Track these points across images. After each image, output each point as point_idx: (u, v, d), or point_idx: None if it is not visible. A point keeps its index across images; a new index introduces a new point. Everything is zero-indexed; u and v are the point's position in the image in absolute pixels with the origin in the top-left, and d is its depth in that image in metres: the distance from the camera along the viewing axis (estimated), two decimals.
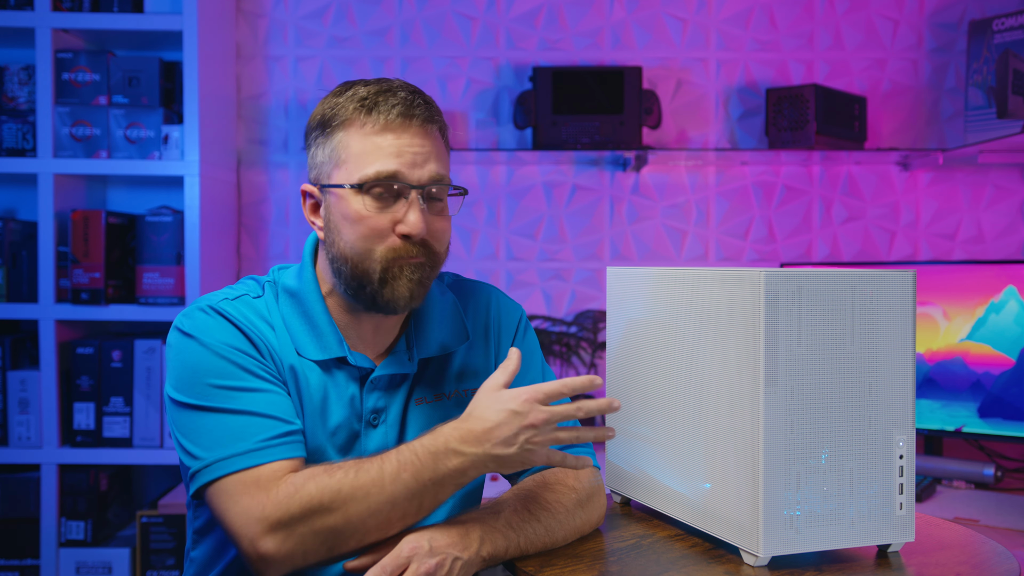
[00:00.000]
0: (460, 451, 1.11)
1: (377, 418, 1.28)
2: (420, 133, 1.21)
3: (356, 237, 1.20)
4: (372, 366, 1.27)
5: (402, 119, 1.20)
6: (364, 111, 1.20)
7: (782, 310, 1.11)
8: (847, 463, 1.14)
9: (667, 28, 2.63)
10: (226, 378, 1.18)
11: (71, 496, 2.33)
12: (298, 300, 1.27)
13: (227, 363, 1.19)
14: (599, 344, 2.58)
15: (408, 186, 1.20)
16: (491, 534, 1.16)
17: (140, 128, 2.34)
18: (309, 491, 1.10)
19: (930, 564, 1.16)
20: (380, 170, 1.19)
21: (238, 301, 1.26)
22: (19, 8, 2.32)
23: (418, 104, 1.21)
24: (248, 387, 1.18)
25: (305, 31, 2.62)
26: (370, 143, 1.20)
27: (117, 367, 2.33)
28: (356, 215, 1.20)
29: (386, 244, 1.20)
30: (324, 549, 1.12)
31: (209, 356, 1.19)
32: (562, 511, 1.24)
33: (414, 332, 1.31)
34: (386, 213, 1.20)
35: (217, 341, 1.19)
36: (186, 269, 2.32)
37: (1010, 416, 2.09)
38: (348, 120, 1.21)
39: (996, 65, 2.20)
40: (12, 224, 2.40)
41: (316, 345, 1.25)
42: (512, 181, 2.63)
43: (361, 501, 1.10)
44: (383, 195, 1.20)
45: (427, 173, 1.21)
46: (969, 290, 2.16)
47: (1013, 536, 1.78)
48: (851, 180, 2.64)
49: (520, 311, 1.42)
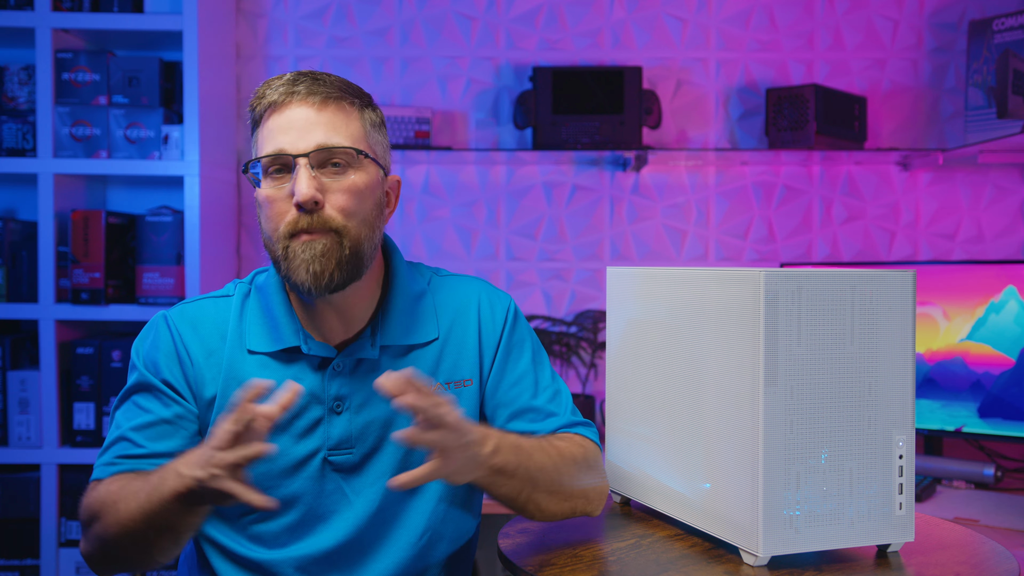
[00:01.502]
0: (179, 472, 1.09)
1: (340, 405, 1.28)
2: (303, 104, 1.22)
3: (265, 219, 1.24)
4: (332, 354, 1.28)
5: (284, 96, 1.23)
6: (257, 101, 1.25)
7: (782, 310, 1.11)
8: (847, 463, 1.14)
9: (667, 28, 2.63)
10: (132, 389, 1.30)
11: (71, 496, 2.33)
12: (263, 295, 1.32)
13: (139, 374, 1.29)
14: (599, 344, 2.58)
15: (291, 156, 1.20)
16: (505, 448, 1.16)
17: (140, 128, 2.34)
18: (90, 499, 1.21)
19: (930, 564, 1.17)
20: (267, 150, 1.22)
21: (198, 302, 1.34)
22: (19, 8, 2.32)
23: (301, 81, 1.23)
24: (140, 404, 1.28)
25: (305, 31, 2.62)
26: (264, 130, 1.24)
27: (117, 367, 2.32)
28: (261, 199, 1.24)
29: (287, 221, 1.21)
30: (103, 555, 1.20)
31: (132, 364, 1.32)
32: (570, 458, 1.25)
33: (380, 321, 1.31)
34: (282, 189, 1.22)
35: (144, 351, 1.31)
36: (186, 269, 2.32)
37: (1010, 416, 2.09)
38: (255, 119, 1.26)
39: (996, 65, 2.21)
40: (12, 224, 2.40)
41: (270, 337, 1.28)
42: (512, 181, 2.63)
43: (112, 515, 1.16)
44: (279, 172, 1.22)
45: (312, 141, 1.21)
46: (969, 290, 2.16)
47: (1013, 536, 1.78)
48: (851, 180, 2.64)
49: (507, 301, 1.40)
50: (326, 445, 1.28)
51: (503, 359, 1.36)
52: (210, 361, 1.29)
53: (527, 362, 1.37)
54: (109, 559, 1.20)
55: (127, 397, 1.30)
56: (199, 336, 1.30)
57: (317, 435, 1.28)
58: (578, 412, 1.38)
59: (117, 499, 1.16)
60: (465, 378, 1.34)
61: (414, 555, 1.31)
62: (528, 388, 1.35)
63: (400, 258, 1.36)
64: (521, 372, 1.36)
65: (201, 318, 1.31)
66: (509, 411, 1.34)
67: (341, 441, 1.28)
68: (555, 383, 1.38)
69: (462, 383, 1.34)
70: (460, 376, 1.34)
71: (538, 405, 1.34)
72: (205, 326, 1.31)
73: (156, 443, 1.25)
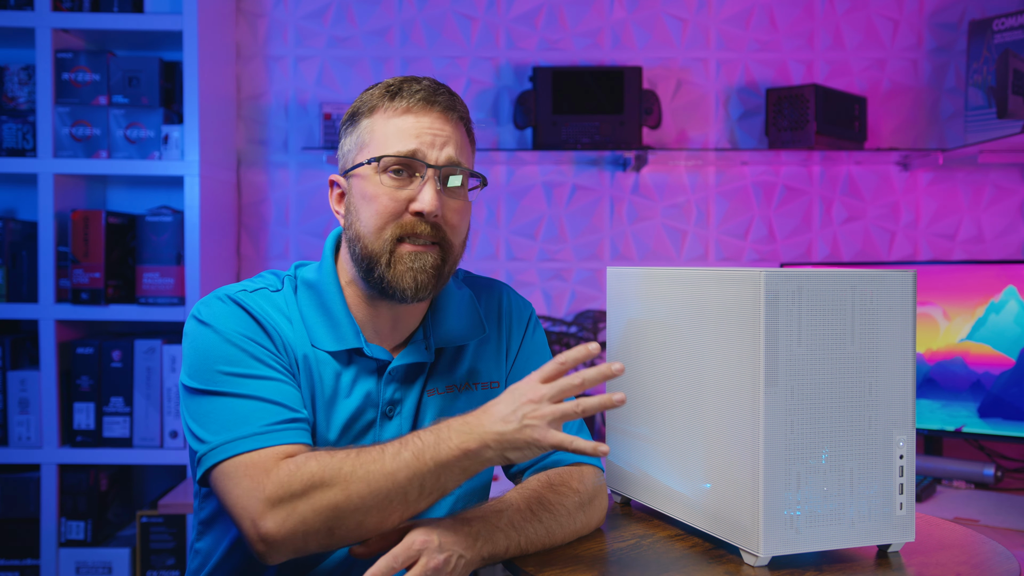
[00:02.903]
0: (461, 429, 1.11)
1: (393, 410, 1.29)
2: (441, 118, 1.24)
3: (371, 214, 1.23)
4: (389, 358, 1.28)
5: (423, 103, 1.24)
6: (388, 97, 1.25)
7: (782, 310, 1.11)
8: (847, 463, 1.14)
9: (667, 28, 2.63)
10: (236, 365, 1.20)
11: (71, 496, 2.33)
12: (316, 292, 1.29)
13: (238, 350, 1.20)
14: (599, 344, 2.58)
15: (425, 164, 1.22)
16: (492, 534, 1.16)
17: (140, 128, 2.34)
18: (311, 468, 1.11)
19: (930, 564, 1.16)
20: (399, 148, 1.22)
21: (256, 294, 1.28)
22: (19, 8, 2.32)
23: (441, 92, 1.25)
24: (256, 374, 1.20)
25: (305, 31, 2.62)
26: (392, 125, 1.24)
27: (117, 367, 2.33)
28: (373, 193, 1.23)
29: (399, 223, 1.22)
30: (325, 529, 1.11)
31: (221, 343, 1.21)
32: (564, 512, 1.24)
33: (431, 323, 1.32)
34: (402, 191, 1.22)
35: (230, 329, 1.22)
36: (186, 269, 2.32)
37: (1010, 416, 2.09)
38: (374, 107, 1.25)
39: (996, 65, 2.20)
40: (12, 224, 2.40)
41: (332, 336, 1.26)
42: (512, 181, 2.63)
43: (362, 479, 1.10)
44: (400, 173, 1.23)
45: (445, 155, 1.23)
46: (969, 290, 2.16)
47: (1013, 536, 1.78)
48: (851, 180, 2.64)
49: (530, 309, 1.44)
50: None
51: (521, 366, 1.39)
52: (287, 342, 1.25)
53: None
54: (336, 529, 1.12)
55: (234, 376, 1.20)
56: (273, 322, 1.25)
57: (368, 439, 1.28)
58: (584, 427, 1.39)
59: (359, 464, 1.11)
60: (493, 380, 1.36)
61: None
62: None
63: None
64: None
65: (267, 308, 1.26)
66: None
67: None
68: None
69: (490, 384, 1.36)
70: (489, 378, 1.36)
71: None
72: (272, 315, 1.26)
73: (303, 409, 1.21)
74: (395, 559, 1.10)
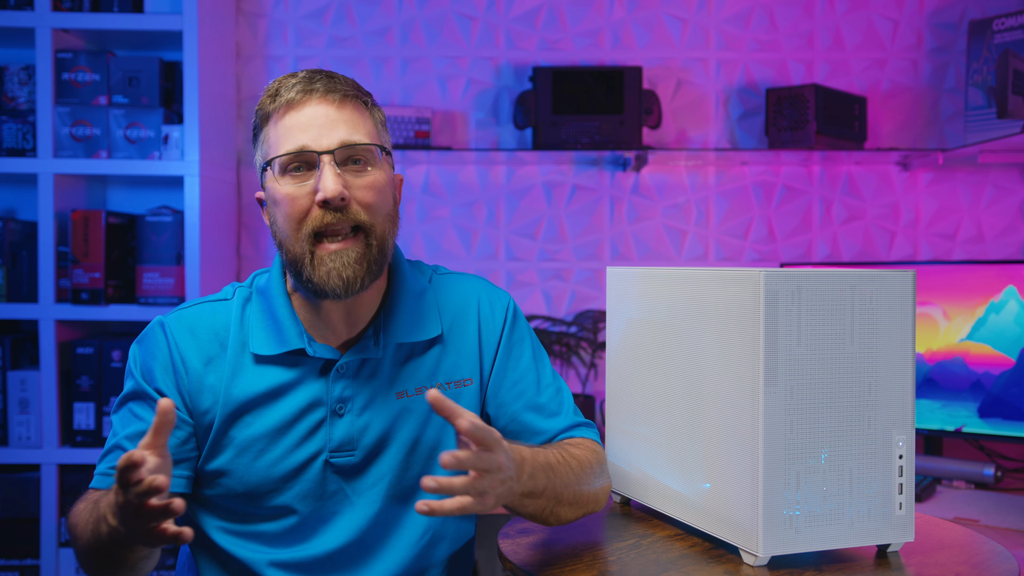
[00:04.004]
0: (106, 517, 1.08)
1: (344, 407, 1.27)
2: (322, 102, 1.23)
3: (283, 217, 1.22)
4: (336, 356, 1.28)
5: (301, 94, 1.23)
6: (270, 100, 1.24)
7: (782, 310, 1.11)
8: (847, 463, 1.14)
9: (667, 28, 2.63)
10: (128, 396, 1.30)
11: (71, 496, 2.32)
12: (265, 298, 1.31)
13: (135, 382, 1.29)
14: (599, 344, 2.58)
15: (316, 154, 1.20)
16: (536, 472, 1.15)
17: (140, 128, 2.34)
18: (72, 512, 1.22)
19: (930, 564, 1.17)
20: (288, 147, 1.21)
21: (196, 307, 1.32)
22: (19, 8, 2.32)
23: (317, 79, 1.24)
24: (135, 412, 1.28)
25: (305, 31, 2.62)
26: (281, 127, 1.23)
27: (117, 367, 2.33)
28: (279, 195, 1.22)
29: (310, 219, 1.21)
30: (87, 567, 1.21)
31: (129, 372, 1.31)
32: (588, 467, 1.26)
33: (383, 319, 1.30)
34: (304, 186, 1.21)
35: (140, 358, 1.30)
36: (186, 269, 2.32)
37: (1010, 416, 2.09)
38: (264, 115, 1.26)
39: (996, 65, 2.20)
40: (12, 224, 2.40)
41: (275, 340, 1.27)
42: (512, 181, 2.63)
43: (77, 538, 1.19)
44: (299, 170, 1.22)
45: (336, 138, 1.21)
46: (969, 290, 2.16)
47: (1013, 536, 1.78)
48: (851, 180, 2.64)
49: (507, 299, 1.40)
50: (328, 447, 1.27)
51: (504, 358, 1.36)
52: (208, 368, 1.28)
53: (528, 360, 1.37)
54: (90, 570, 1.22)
55: (124, 403, 1.29)
56: (197, 343, 1.29)
57: (319, 437, 1.27)
58: (579, 411, 1.38)
59: (77, 522, 1.19)
60: (465, 378, 1.34)
61: (415, 555, 1.31)
62: (531, 386, 1.35)
63: (402, 256, 1.36)
64: (523, 370, 1.36)
65: (199, 323, 1.30)
66: (513, 409, 1.34)
67: (343, 443, 1.27)
68: (556, 381, 1.38)
69: (462, 383, 1.34)
70: (460, 376, 1.34)
71: (542, 402, 1.35)
72: (203, 332, 1.29)
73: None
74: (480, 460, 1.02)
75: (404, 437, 1.29)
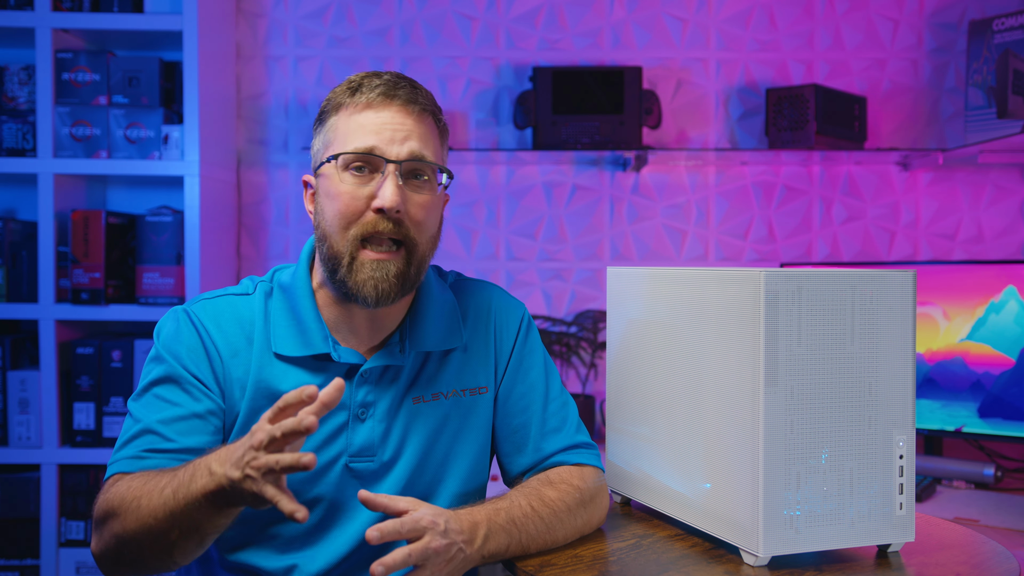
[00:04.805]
0: (211, 469, 1.04)
1: (365, 412, 1.27)
2: (401, 111, 1.22)
3: (334, 213, 1.22)
4: (361, 361, 1.27)
5: (383, 98, 1.22)
6: (349, 93, 1.24)
7: (782, 310, 1.11)
8: (847, 463, 1.14)
9: (667, 28, 2.63)
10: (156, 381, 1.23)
11: (71, 496, 2.33)
12: (288, 295, 1.29)
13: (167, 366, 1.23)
14: (599, 344, 2.58)
15: (384, 160, 1.20)
16: (496, 532, 1.16)
17: (140, 128, 2.34)
18: (109, 495, 1.13)
19: (930, 564, 1.16)
20: (358, 145, 1.21)
21: (218, 299, 1.29)
22: (19, 8, 2.32)
23: (402, 86, 1.23)
24: (165, 398, 1.22)
25: (305, 31, 2.62)
26: (353, 122, 1.22)
27: (117, 367, 2.33)
28: (336, 190, 1.22)
29: (361, 222, 1.21)
30: (115, 556, 1.13)
31: (151, 358, 1.26)
32: (564, 510, 1.24)
33: (408, 326, 1.30)
34: (363, 188, 1.21)
35: (169, 344, 1.25)
36: (186, 269, 2.32)
37: (1010, 416, 2.09)
38: (337, 104, 1.25)
39: (996, 65, 2.20)
40: (12, 224, 2.40)
41: (299, 341, 1.25)
42: (512, 181, 2.63)
43: (133, 512, 1.09)
44: (362, 170, 1.21)
45: (406, 149, 1.21)
46: (969, 290, 2.16)
47: (1013, 536, 1.78)
48: (851, 180, 2.64)
49: (522, 310, 1.41)
50: (348, 452, 1.26)
51: (515, 368, 1.36)
52: (235, 361, 1.25)
53: (538, 372, 1.37)
54: (124, 560, 1.13)
55: (148, 389, 1.24)
56: (224, 334, 1.26)
57: (339, 441, 1.26)
58: (583, 428, 1.38)
59: (139, 495, 1.10)
60: (481, 385, 1.34)
61: None
62: (537, 399, 1.35)
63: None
64: (532, 382, 1.36)
65: (224, 315, 1.27)
66: (517, 421, 1.34)
67: (363, 448, 1.26)
68: (563, 395, 1.38)
69: (478, 390, 1.34)
70: (477, 383, 1.34)
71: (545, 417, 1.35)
72: (229, 324, 1.26)
73: (186, 438, 1.19)
74: (402, 526, 1.07)
75: (418, 441, 1.29)
